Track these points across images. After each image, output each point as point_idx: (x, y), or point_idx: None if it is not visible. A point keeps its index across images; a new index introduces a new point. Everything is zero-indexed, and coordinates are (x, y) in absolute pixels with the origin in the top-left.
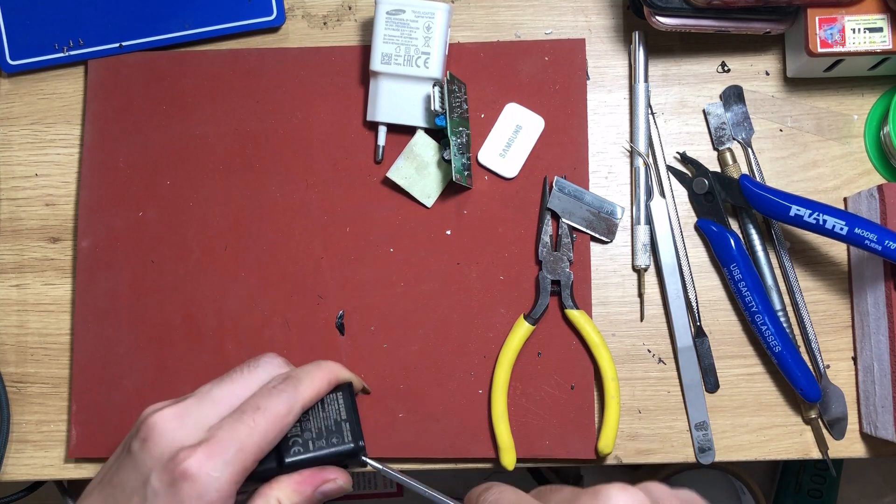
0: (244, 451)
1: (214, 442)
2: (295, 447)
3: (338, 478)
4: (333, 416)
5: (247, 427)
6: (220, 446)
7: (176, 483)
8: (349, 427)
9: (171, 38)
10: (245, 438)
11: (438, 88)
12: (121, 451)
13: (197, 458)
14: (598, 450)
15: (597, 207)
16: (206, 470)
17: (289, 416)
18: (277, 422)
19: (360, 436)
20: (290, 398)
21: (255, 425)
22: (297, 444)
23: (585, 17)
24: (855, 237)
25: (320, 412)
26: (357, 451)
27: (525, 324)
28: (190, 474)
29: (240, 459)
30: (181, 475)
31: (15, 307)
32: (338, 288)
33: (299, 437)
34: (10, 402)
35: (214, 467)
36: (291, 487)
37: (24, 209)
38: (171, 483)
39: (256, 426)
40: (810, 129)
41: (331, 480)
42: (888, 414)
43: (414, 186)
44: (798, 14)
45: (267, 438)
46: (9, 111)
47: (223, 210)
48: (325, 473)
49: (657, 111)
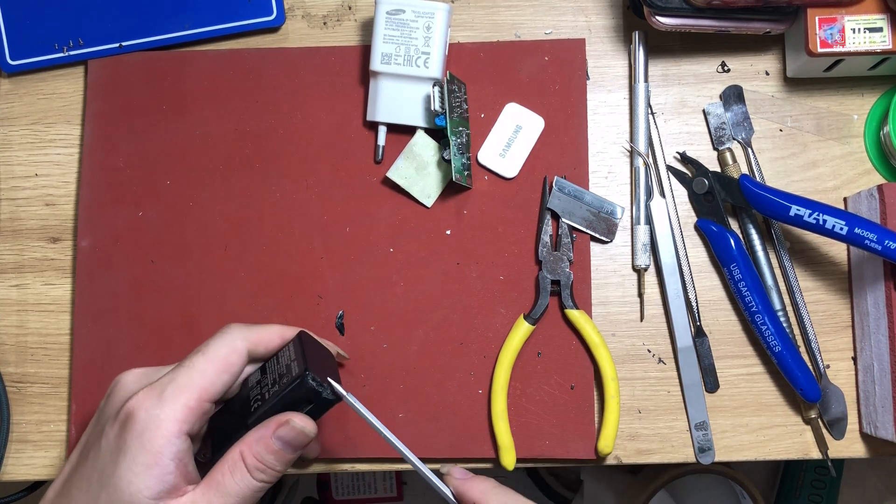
0: (182, 388)
1: (154, 384)
2: (256, 404)
3: (293, 419)
4: (285, 361)
5: (184, 368)
6: (159, 386)
7: (122, 428)
8: (296, 364)
9: (171, 38)
10: (182, 376)
11: (438, 88)
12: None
13: (137, 397)
14: (597, 450)
15: (597, 207)
16: (144, 406)
17: (231, 355)
18: (217, 360)
19: (305, 366)
20: (232, 337)
21: (191, 364)
22: (258, 400)
23: (585, 17)
24: (855, 237)
25: (275, 365)
26: (302, 377)
27: (525, 324)
28: (131, 415)
29: (178, 396)
30: (125, 419)
31: (15, 307)
32: (338, 288)
33: (259, 395)
34: (10, 402)
35: (152, 404)
36: (251, 438)
37: (24, 209)
38: (119, 430)
39: (193, 365)
40: (810, 129)
41: (284, 422)
42: (888, 414)
43: (414, 186)
44: (798, 14)
45: (206, 376)
46: (9, 111)
47: (223, 210)
48: (279, 417)
49: (657, 111)
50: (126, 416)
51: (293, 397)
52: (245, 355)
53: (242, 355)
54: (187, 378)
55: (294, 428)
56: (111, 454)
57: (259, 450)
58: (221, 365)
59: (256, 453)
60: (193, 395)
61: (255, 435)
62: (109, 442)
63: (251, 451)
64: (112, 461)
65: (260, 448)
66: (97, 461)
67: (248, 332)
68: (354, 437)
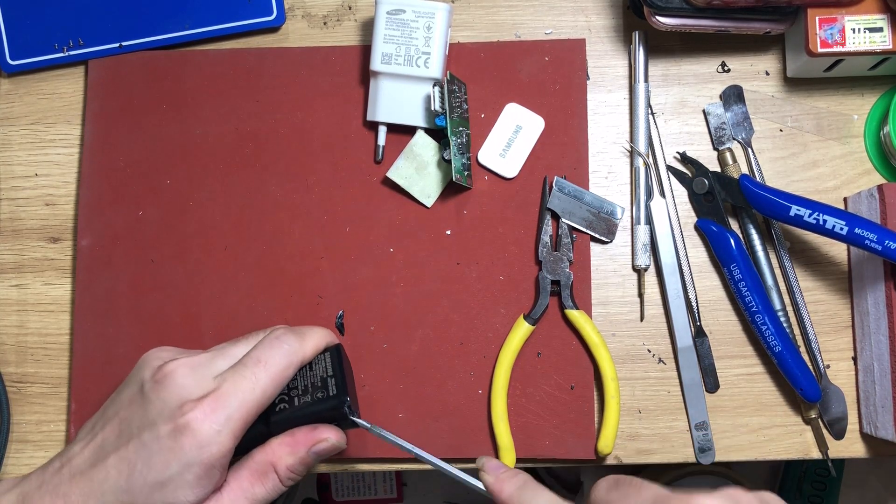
0: (245, 406)
1: (217, 395)
2: (281, 404)
3: (330, 436)
4: (320, 373)
5: (248, 381)
6: (224, 401)
7: (178, 433)
8: (335, 382)
9: (171, 38)
10: (247, 392)
11: (438, 88)
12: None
13: (201, 409)
14: (597, 450)
15: (597, 207)
16: (208, 423)
17: (288, 369)
18: (277, 375)
19: (345, 391)
20: (291, 351)
21: (256, 379)
22: (283, 402)
23: (585, 17)
24: (855, 237)
25: (307, 371)
26: (340, 404)
27: (525, 324)
28: (192, 427)
29: (241, 415)
30: (184, 426)
31: (15, 307)
32: (338, 288)
33: (286, 395)
34: (10, 402)
35: (217, 420)
36: (285, 450)
37: (24, 209)
38: (174, 432)
39: (258, 380)
40: (810, 129)
41: (323, 440)
42: (888, 414)
43: (414, 186)
44: (798, 14)
45: (267, 392)
46: (9, 111)
47: (223, 210)
48: (317, 433)
49: (657, 111)
50: (185, 426)
51: (322, 416)
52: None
53: (296, 370)
54: (251, 395)
55: (331, 444)
56: (163, 454)
57: (293, 462)
58: (280, 381)
59: (290, 465)
60: (253, 413)
61: (288, 448)
62: (163, 441)
63: (284, 464)
64: (164, 461)
65: (294, 461)
66: (143, 452)
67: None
68: (354, 437)
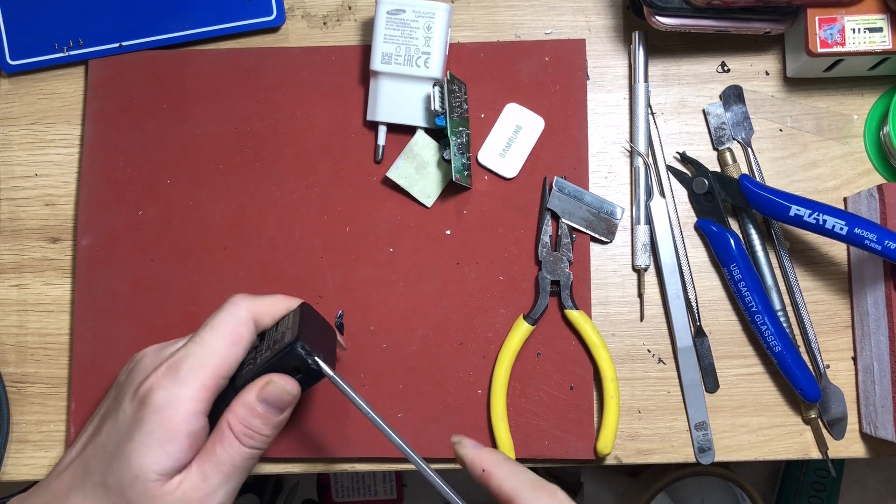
0: (198, 368)
1: (170, 363)
2: (247, 367)
3: (271, 380)
4: (282, 329)
5: (198, 345)
6: (175, 366)
7: (138, 405)
8: (291, 332)
9: (171, 38)
10: (198, 355)
11: (438, 88)
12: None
13: (155, 377)
14: (597, 450)
15: (597, 207)
16: (161, 388)
17: (239, 326)
18: (227, 334)
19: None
20: (239, 309)
21: (202, 340)
22: (250, 364)
23: (585, 17)
24: (855, 237)
25: (273, 331)
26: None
27: (524, 324)
28: (147, 395)
29: (195, 376)
30: (142, 397)
31: (15, 307)
32: (337, 288)
33: (252, 359)
34: (10, 402)
35: (168, 384)
36: (235, 404)
37: (24, 209)
38: (134, 406)
39: (206, 341)
40: (810, 129)
41: (267, 382)
42: (888, 414)
43: (414, 186)
44: (798, 14)
45: (218, 351)
46: (9, 111)
47: (223, 209)
48: (260, 380)
49: (657, 111)
50: (145, 393)
51: (282, 364)
52: (252, 326)
53: (249, 326)
54: (202, 356)
55: (276, 387)
56: (128, 427)
57: (244, 414)
58: (231, 339)
59: (242, 419)
60: (209, 373)
61: (240, 401)
62: (127, 416)
63: (237, 418)
64: (128, 435)
65: (244, 413)
66: (113, 433)
67: (252, 303)
68: (354, 437)
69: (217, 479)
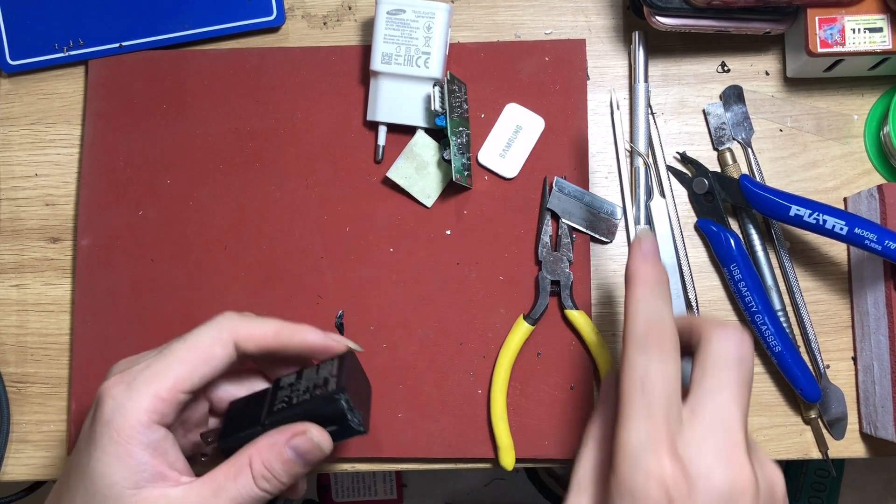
0: (154, 377)
1: (127, 372)
2: (280, 404)
3: (308, 430)
4: (325, 374)
5: (162, 355)
6: (131, 373)
7: (93, 418)
8: (336, 381)
9: (171, 38)
10: (158, 363)
11: (438, 88)
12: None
13: (106, 384)
14: None
15: (597, 208)
16: (111, 395)
17: (214, 345)
18: (197, 349)
19: (344, 386)
20: (219, 327)
21: (170, 351)
22: (283, 402)
23: (585, 17)
24: (855, 237)
25: (313, 375)
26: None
27: (524, 324)
28: (98, 402)
29: (149, 385)
30: (95, 407)
31: (15, 307)
32: (337, 288)
33: (286, 398)
34: (10, 402)
35: (120, 392)
36: (264, 443)
37: (24, 209)
38: (91, 418)
39: (172, 352)
40: (810, 129)
41: (301, 433)
42: (888, 414)
43: (414, 186)
44: (798, 14)
45: (183, 365)
46: (9, 111)
47: (223, 209)
48: (296, 426)
49: (657, 111)
50: (96, 405)
51: (320, 412)
52: (231, 348)
53: (227, 347)
54: (163, 366)
55: (310, 440)
56: (86, 446)
57: (269, 456)
58: (202, 356)
59: (266, 460)
60: (166, 385)
61: (268, 441)
62: (84, 432)
63: (260, 457)
64: (87, 453)
65: (270, 455)
66: (76, 454)
67: (237, 324)
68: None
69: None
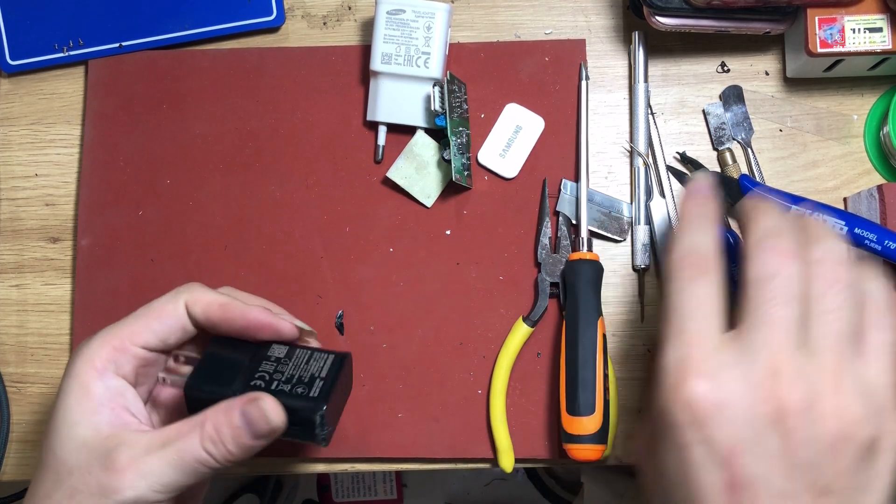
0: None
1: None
2: (257, 381)
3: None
4: (313, 370)
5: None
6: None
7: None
8: (322, 385)
9: (171, 38)
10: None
11: (438, 88)
12: None
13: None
14: None
15: (608, 207)
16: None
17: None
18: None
19: (326, 398)
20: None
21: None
22: (262, 379)
23: (585, 17)
24: (855, 237)
25: (302, 362)
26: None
27: (524, 326)
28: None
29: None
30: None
31: (15, 307)
32: (337, 288)
33: (266, 376)
34: (10, 402)
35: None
36: (221, 405)
37: (24, 209)
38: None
39: (135, 312)
40: (810, 129)
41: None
42: None
43: (414, 186)
44: (798, 14)
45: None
46: (9, 111)
47: (223, 209)
48: (251, 394)
49: (657, 111)
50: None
51: (292, 411)
52: (182, 307)
53: (178, 308)
54: (122, 323)
55: (260, 408)
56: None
57: (220, 419)
58: (154, 314)
59: (216, 423)
60: (120, 336)
61: (225, 405)
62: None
63: (212, 420)
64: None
65: (221, 418)
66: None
67: (193, 289)
68: (354, 437)
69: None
